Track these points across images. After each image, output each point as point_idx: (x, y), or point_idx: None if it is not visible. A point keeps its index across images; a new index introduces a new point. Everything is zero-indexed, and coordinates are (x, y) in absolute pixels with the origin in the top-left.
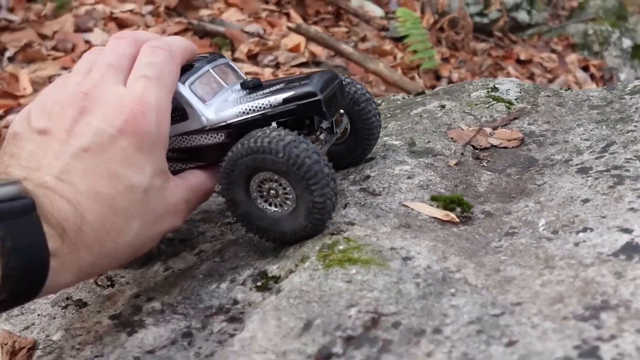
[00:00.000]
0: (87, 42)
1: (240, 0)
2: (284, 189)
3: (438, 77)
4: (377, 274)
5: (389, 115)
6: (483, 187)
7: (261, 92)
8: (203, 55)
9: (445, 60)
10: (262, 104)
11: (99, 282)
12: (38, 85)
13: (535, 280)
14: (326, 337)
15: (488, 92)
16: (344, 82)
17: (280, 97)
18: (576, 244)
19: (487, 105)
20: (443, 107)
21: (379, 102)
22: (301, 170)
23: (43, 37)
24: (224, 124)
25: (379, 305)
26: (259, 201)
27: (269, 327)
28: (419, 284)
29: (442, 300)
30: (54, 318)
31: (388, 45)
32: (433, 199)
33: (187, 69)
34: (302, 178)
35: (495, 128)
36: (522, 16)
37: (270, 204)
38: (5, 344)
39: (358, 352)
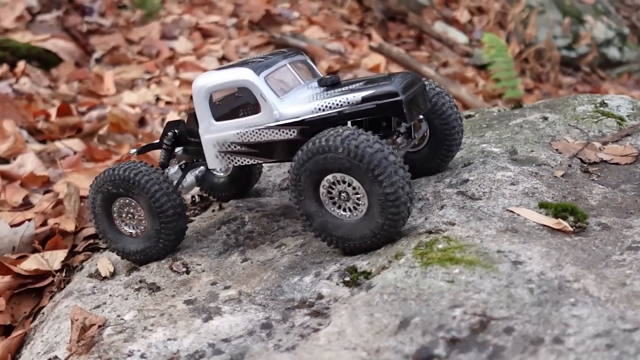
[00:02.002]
0: (171, 49)
1: (323, 19)
2: (353, 188)
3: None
4: (484, 276)
5: (485, 125)
6: (595, 200)
7: (339, 89)
8: (281, 50)
9: (528, 91)
10: (339, 101)
11: (174, 268)
12: (121, 86)
13: None
14: (426, 337)
15: (596, 107)
16: (427, 87)
17: (359, 95)
18: None
19: (596, 120)
20: (545, 119)
21: (473, 113)
22: (364, 162)
23: (130, 42)
24: (297, 120)
25: (487, 308)
26: (331, 208)
27: (359, 323)
28: (533, 290)
29: (561, 309)
30: (126, 299)
31: (470, 72)
32: (541, 206)
33: (262, 61)
34: (366, 170)
35: (605, 143)
36: (612, 53)
37: (344, 209)
38: (76, 320)
39: (465, 356)
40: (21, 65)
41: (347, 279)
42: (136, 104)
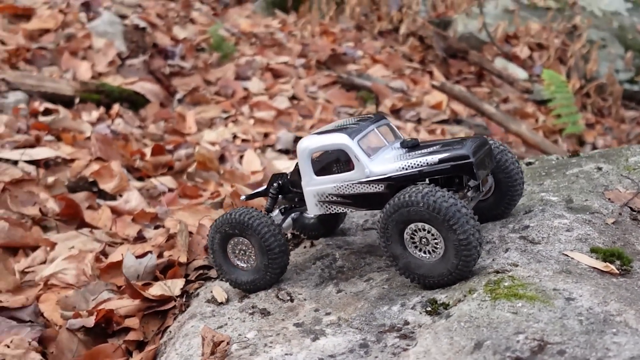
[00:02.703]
0: (245, 89)
1: (386, 57)
2: (432, 235)
3: (581, 143)
4: (542, 309)
5: (544, 173)
6: None
7: (419, 151)
8: (368, 115)
9: (590, 126)
10: (420, 162)
11: (280, 297)
12: (201, 125)
13: None
14: (497, 356)
15: None
16: (492, 147)
17: (436, 157)
18: None
19: None
20: (600, 169)
21: (533, 160)
22: (441, 214)
23: (208, 82)
24: (384, 176)
25: (544, 334)
26: (414, 251)
27: (441, 344)
28: (582, 321)
29: (604, 337)
30: (244, 321)
31: (530, 108)
32: (592, 250)
33: (355, 127)
34: (443, 220)
35: None
36: None
37: (424, 252)
38: (206, 337)
39: None
40: (115, 107)
41: (429, 309)
42: (216, 142)
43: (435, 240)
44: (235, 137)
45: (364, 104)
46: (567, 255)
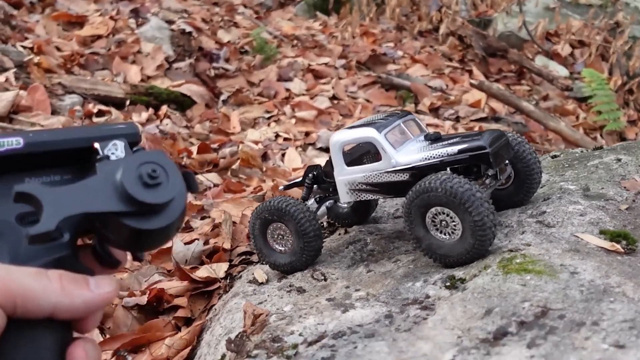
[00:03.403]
0: (287, 90)
1: (426, 57)
2: (451, 218)
3: (623, 139)
4: (548, 281)
5: (567, 165)
6: None
7: (440, 143)
8: (395, 111)
9: (632, 122)
10: (441, 152)
11: (315, 277)
12: (245, 125)
13: None
14: (503, 320)
15: None
16: (510, 139)
17: (456, 148)
18: None
19: None
20: (619, 160)
21: (559, 153)
22: (457, 198)
23: (251, 84)
24: (409, 166)
25: (548, 302)
26: (435, 233)
27: (456, 312)
28: (583, 291)
29: (601, 304)
30: (282, 298)
31: (571, 105)
32: (601, 232)
33: (382, 121)
34: (459, 204)
35: None
36: None
37: (444, 234)
38: (248, 310)
39: (529, 333)
40: (164, 108)
41: (448, 284)
42: (259, 141)
43: (454, 223)
44: (277, 135)
45: (403, 103)
46: (577, 237)
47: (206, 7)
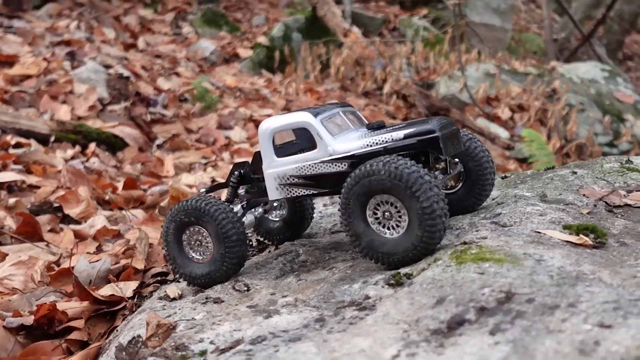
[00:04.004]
0: (227, 137)
1: (369, 113)
2: (395, 208)
3: None
4: (510, 269)
5: (519, 181)
6: (617, 229)
7: (384, 129)
8: (335, 102)
9: None
10: (385, 138)
11: (237, 287)
12: (180, 169)
13: None
14: (459, 307)
15: (621, 164)
16: (461, 134)
17: (401, 132)
18: None
19: (621, 174)
20: (574, 173)
21: (509, 175)
22: (402, 180)
23: (189, 131)
24: (348, 154)
25: (512, 287)
26: (377, 227)
27: (401, 306)
28: (553, 277)
29: (576, 288)
30: (195, 309)
31: (512, 165)
32: (565, 227)
33: (319, 107)
34: (405, 188)
35: (629, 191)
36: None
37: (387, 228)
38: (151, 322)
39: (492, 319)
40: (92, 147)
41: (392, 281)
42: (193, 185)
43: (399, 213)
44: (213, 180)
45: None
46: (539, 232)
47: (148, 57)
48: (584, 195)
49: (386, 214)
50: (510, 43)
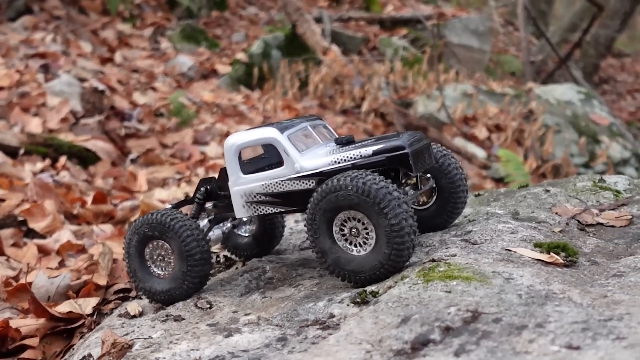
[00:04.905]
0: (202, 153)
1: (347, 131)
2: (363, 224)
3: None
4: (478, 287)
5: (492, 199)
6: (588, 248)
7: (353, 145)
8: (304, 116)
9: None
10: (353, 154)
11: (199, 305)
12: (153, 184)
13: None
14: (424, 327)
15: (594, 183)
16: (435, 150)
17: (370, 149)
18: None
19: (594, 192)
20: (548, 191)
21: (482, 192)
22: (370, 196)
23: (164, 146)
24: (316, 171)
25: (479, 306)
26: (344, 244)
27: (365, 325)
28: (521, 295)
29: (545, 307)
30: (153, 327)
31: (489, 184)
32: (536, 245)
33: (286, 122)
34: (373, 204)
35: (602, 210)
36: (629, 172)
37: (354, 245)
38: (107, 340)
39: (457, 339)
40: (62, 160)
41: (357, 300)
42: (166, 200)
43: (366, 230)
44: (187, 196)
45: None
46: (510, 250)
47: (125, 71)
48: (556, 213)
49: (353, 230)
50: (488, 64)
